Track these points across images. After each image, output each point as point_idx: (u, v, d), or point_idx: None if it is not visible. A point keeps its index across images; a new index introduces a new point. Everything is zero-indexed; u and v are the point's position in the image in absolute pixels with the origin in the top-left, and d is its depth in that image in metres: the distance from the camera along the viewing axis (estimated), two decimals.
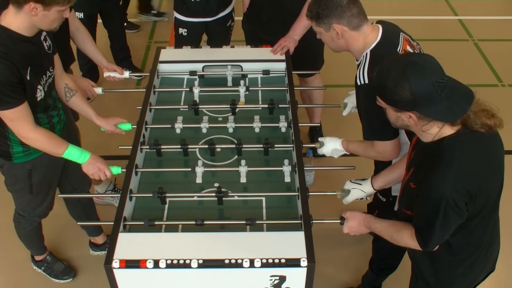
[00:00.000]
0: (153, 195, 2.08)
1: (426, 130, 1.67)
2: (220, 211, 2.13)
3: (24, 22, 1.99)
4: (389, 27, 2.14)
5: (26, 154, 2.27)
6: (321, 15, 2.05)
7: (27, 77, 2.03)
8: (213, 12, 3.33)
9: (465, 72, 4.64)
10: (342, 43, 2.11)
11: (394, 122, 1.74)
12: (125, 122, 2.49)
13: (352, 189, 2.19)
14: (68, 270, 2.91)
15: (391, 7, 5.73)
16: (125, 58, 4.43)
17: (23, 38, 2.02)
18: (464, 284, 1.98)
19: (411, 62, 1.60)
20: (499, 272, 2.21)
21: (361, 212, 2.03)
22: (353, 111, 2.49)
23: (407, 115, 1.64)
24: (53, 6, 1.94)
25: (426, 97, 1.57)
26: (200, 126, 2.45)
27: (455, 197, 1.62)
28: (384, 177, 2.14)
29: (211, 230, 1.95)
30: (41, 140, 2.13)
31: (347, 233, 2.03)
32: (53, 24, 2.04)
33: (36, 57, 2.09)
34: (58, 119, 2.34)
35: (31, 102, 2.09)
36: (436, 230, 1.69)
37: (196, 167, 2.20)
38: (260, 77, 2.86)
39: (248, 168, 2.21)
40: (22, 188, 2.40)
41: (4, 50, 1.95)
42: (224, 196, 2.09)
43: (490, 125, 1.67)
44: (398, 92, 1.59)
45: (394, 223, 1.89)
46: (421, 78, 1.57)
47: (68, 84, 2.39)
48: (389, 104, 1.67)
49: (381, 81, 1.65)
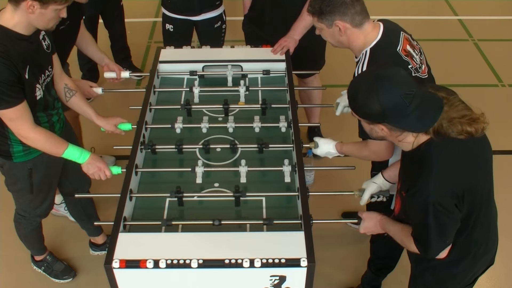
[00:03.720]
0: (170, 195, 2.08)
1: (402, 139, 1.70)
2: (220, 211, 2.12)
3: (21, 21, 1.99)
4: (390, 26, 2.14)
5: (26, 153, 2.27)
6: (324, 11, 2.05)
7: (25, 76, 2.03)
8: (196, 10, 3.33)
9: (465, 72, 4.68)
10: (343, 40, 2.11)
11: (370, 134, 1.78)
12: (125, 122, 2.49)
13: (365, 183, 2.19)
14: (68, 270, 2.91)
15: (391, 7, 5.73)
16: (125, 58, 4.43)
17: (21, 36, 2.02)
18: (464, 280, 1.98)
19: (379, 75, 1.63)
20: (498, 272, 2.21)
21: (377, 213, 2.04)
22: (345, 111, 2.50)
23: (379, 127, 1.68)
24: (50, 4, 1.94)
25: (395, 109, 1.61)
26: (200, 126, 2.45)
27: (442, 200, 1.64)
28: (393, 167, 2.12)
29: (211, 230, 1.95)
30: (41, 140, 2.13)
31: (363, 233, 2.06)
32: (49, 23, 2.04)
33: (34, 56, 2.09)
34: (58, 118, 2.34)
35: (30, 101, 2.09)
36: (432, 236, 1.70)
37: (196, 167, 2.20)
38: (260, 77, 2.86)
39: (248, 168, 2.21)
40: (23, 188, 2.40)
41: (2, 49, 1.95)
42: (242, 196, 2.08)
43: (470, 132, 1.67)
44: (368, 105, 1.63)
45: (405, 227, 1.89)
46: (389, 91, 1.60)
47: (67, 84, 2.39)
48: (361, 117, 1.71)
49: (352, 95, 1.70)
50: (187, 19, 3.39)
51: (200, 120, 2.47)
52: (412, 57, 2.08)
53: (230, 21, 3.63)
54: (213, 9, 3.37)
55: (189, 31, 3.49)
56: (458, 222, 1.72)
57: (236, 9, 3.55)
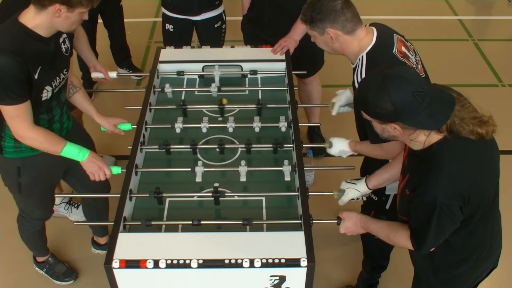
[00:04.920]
0: (149, 195, 2.08)
1: (414, 138, 1.69)
2: (220, 211, 2.13)
3: (44, 23, 2.00)
4: (383, 29, 2.14)
5: (17, 150, 2.24)
6: (315, 19, 2.05)
7: (34, 76, 2.02)
8: (196, 10, 3.34)
9: (465, 72, 4.68)
10: (336, 47, 2.11)
11: (381, 134, 1.77)
12: (125, 122, 2.49)
13: (347, 189, 2.18)
14: (69, 272, 2.90)
15: (391, 7, 5.73)
16: (125, 58, 4.43)
17: (39, 37, 2.02)
18: (467, 283, 1.98)
19: (389, 74, 1.62)
20: (499, 273, 2.21)
21: (357, 212, 2.03)
22: (341, 110, 2.50)
23: (392, 126, 1.67)
24: (77, 8, 1.96)
25: (407, 107, 1.59)
26: (200, 126, 2.45)
27: (448, 202, 1.64)
28: (378, 177, 2.13)
29: (211, 230, 1.95)
30: (39, 138, 2.11)
31: (343, 233, 2.04)
32: (72, 26, 2.06)
33: (49, 58, 2.09)
34: (60, 126, 2.31)
35: (35, 101, 2.08)
36: (430, 235, 1.70)
37: (196, 167, 2.19)
38: (260, 77, 2.86)
39: (248, 168, 2.21)
40: (12, 185, 2.38)
41: (18, 46, 1.95)
42: (221, 196, 2.08)
43: (481, 134, 1.67)
44: (379, 105, 1.61)
45: (391, 223, 1.90)
46: (400, 89, 1.59)
47: (73, 81, 2.42)
48: (373, 117, 1.69)
49: (362, 96, 1.68)
50: (187, 19, 3.39)
51: (200, 120, 2.47)
52: (408, 58, 2.08)
53: (230, 21, 3.63)
54: (212, 9, 3.37)
55: (189, 31, 3.49)
56: (458, 224, 1.72)
57: (236, 9, 3.55)
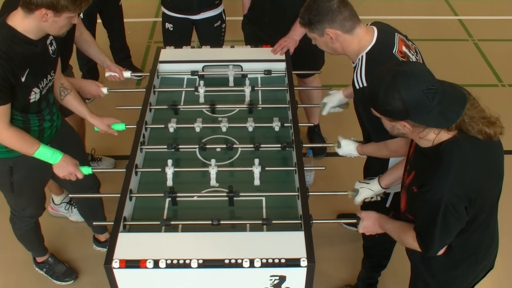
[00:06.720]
0: (164, 195, 2.08)
1: (423, 136, 1.68)
2: (220, 210, 2.12)
3: (32, 26, 2.00)
4: (384, 28, 2.14)
5: (9, 150, 2.24)
6: (313, 21, 2.05)
7: (22, 79, 2.03)
8: (195, 9, 3.34)
9: (465, 72, 4.67)
10: (337, 47, 2.11)
11: (391, 131, 1.76)
12: (119, 122, 2.49)
13: (361, 189, 2.20)
14: (69, 272, 2.90)
15: (391, 7, 5.73)
16: (125, 58, 4.42)
17: (28, 40, 2.03)
18: (464, 284, 1.98)
19: (400, 71, 1.60)
20: (497, 272, 2.21)
21: (375, 212, 2.05)
22: (332, 111, 2.51)
23: (402, 124, 1.66)
24: (63, 12, 1.96)
25: (418, 105, 1.58)
26: (193, 126, 2.44)
27: (454, 202, 1.63)
28: (391, 175, 2.14)
29: (211, 230, 1.95)
30: (12, 138, 2.12)
31: (362, 232, 2.06)
32: (61, 30, 2.06)
33: (37, 60, 2.10)
34: (50, 124, 2.33)
35: (23, 103, 2.10)
36: (436, 235, 1.69)
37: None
38: (261, 77, 2.86)
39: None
40: (4, 184, 2.38)
41: (4, 50, 1.95)
42: (235, 196, 2.08)
43: (489, 134, 1.67)
44: (389, 102, 1.60)
45: (402, 224, 1.89)
46: (411, 87, 1.57)
47: (63, 83, 2.41)
48: (383, 115, 1.68)
49: (372, 93, 1.67)
50: (186, 18, 3.39)
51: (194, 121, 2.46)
52: (408, 58, 2.07)
53: (230, 21, 3.63)
54: (212, 8, 3.37)
55: (189, 30, 3.49)
56: (463, 225, 1.71)
57: (236, 9, 3.55)
